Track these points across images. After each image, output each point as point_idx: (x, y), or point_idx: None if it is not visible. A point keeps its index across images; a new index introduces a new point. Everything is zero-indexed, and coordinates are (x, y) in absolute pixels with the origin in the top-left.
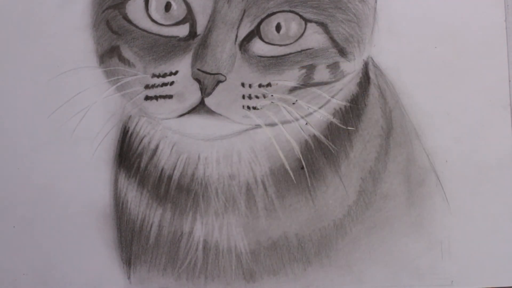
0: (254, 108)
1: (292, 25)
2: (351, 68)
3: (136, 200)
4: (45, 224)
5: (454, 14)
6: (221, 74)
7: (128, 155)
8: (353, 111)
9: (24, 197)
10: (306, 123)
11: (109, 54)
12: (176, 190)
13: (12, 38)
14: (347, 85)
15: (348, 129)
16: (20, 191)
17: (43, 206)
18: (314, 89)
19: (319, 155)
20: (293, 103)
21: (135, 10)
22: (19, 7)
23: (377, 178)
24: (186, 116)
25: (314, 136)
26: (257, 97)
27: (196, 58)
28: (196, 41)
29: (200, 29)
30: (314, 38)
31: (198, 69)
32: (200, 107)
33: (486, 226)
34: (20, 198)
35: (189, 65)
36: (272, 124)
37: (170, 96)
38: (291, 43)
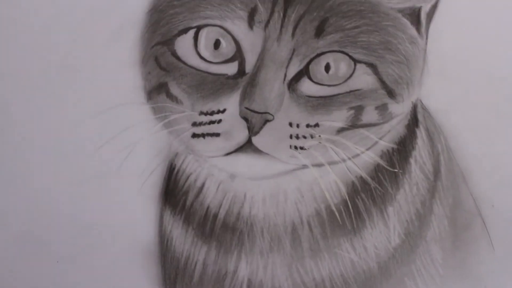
0: (302, 148)
1: (341, 65)
2: (400, 110)
3: (181, 237)
4: (89, 260)
5: (504, 57)
6: (269, 113)
7: (174, 192)
8: (400, 153)
9: (69, 232)
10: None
11: (157, 91)
12: (221, 229)
13: (60, 73)
14: (395, 127)
15: (395, 171)
16: (65, 226)
17: (88, 242)
18: (362, 130)
19: (365, 197)
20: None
21: (184, 47)
22: (68, 41)
23: (423, 221)
24: (233, 154)
25: (361, 177)
26: (304, 137)
27: (244, 96)
28: (245, 80)
29: (249, 67)
30: (363, 79)
31: (246, 108)
32: (247, 146)
33: None
34: (64, 233)
35: (237, 104)
36: (319, 165)
37: (218, 134)
38: (340, 84)
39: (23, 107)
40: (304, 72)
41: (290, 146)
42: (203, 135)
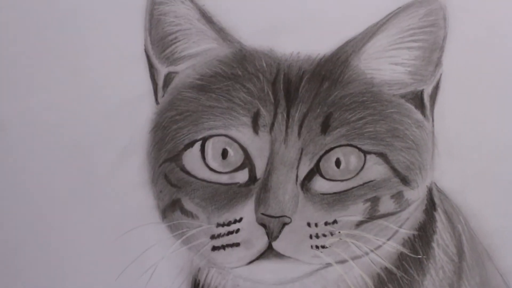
0: (323, 247)
1: (351, 158)
2: (416, 195)
3: None
4: None
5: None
6: (286, 216)
7: None
8: (422, 239)
9: None
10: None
11: (171, 208)
12: None
13: (72, 203)
14: (413, 213)
15: (419, 257)
16: None
17: None
18: (380, 221)
19: (393, 287)
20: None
21: (192, 161)
22: (74, 171)
23: None
24: (255, 262)
25: (386, 268)
26: (324, 235)
27: (259, 202)
28: (257, 186)
29: (259, 172)
30: (375, 169)
31: (262, 214)
32: (268, 252)
33: None
34: None
35: (253, 211)
36: (343, 261)
37: (237, 244)
38: (352, 177)
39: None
40: (315, 171)
41: (312, 246)
42: (223, 247)
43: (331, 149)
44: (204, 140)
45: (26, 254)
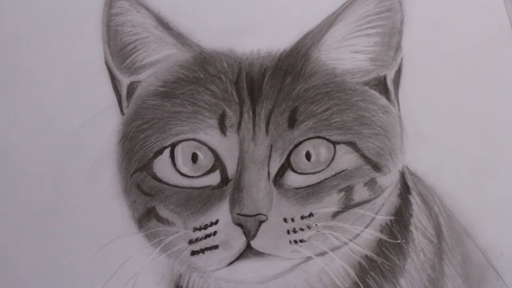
0: (301, 241)
1: (321, 150)
2: (389, 181)
3: None
4: None
5: (480, 105)
6: (261, 214)
7: None
8: (399, 223)
9: None
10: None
11: (146, 217)
12: None
13: (47, 220)
14: (388, 199)
15: (398, 242)
16: None
17: None
18: (356, 209)
19: (375, 274)
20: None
21: (162, 168)
22: (45, 186)
23: (437, 285)
24: (235, 263)
25: (366, 256)
26: (301, 229)
27: (234, 203)
28: (230, 186)
29: (231, 173)
30: (346, 158)
31: (238, 214)
32: (248, 251)
33: None
34: None
35: (228, 212)
36: (323, 253)
37: (216, 247)
38: (324, 169)
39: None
40: (286, 166)
41: (290, 241)
42: (202, 251)
43: (300, 142)
44: (173, 146)
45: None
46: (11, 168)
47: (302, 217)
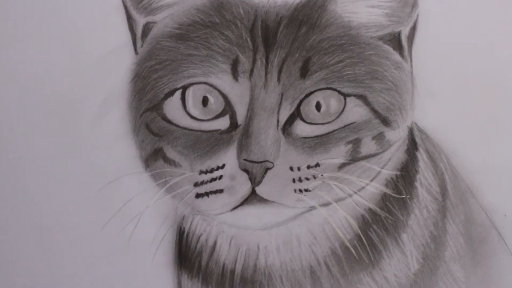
0: (306, 190)
1: (331, 102)
2: (397, 136)
3: None
4: None
5: (492, 66)
6: (268, 161)
7: (187, 255)
8: (405, 179)
9: None
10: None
11: (153, 157)
12: (240, 284)
13: (54, 156)
14: (395, 154)
15: (403, 197)
16: None
17: None
18: (363, 162)
19: (377, 228)
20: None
21: (173, 109)
22: (54, 122)
23: (438, 242)
24: (239, 208)
25: (370, 209)
26: (307, 179)
27: (241, 148)
28: (239, 132)
29: (240, 119)
30: (356, 111)
31: (245, 160)
32: (252, 197)
33: None
34: None
35: (235, 157)
36: (326, 204)
37: (221, 191)
38: (333, 120)
39: (23, 195)
40: (296, 115)
41: (295, 190)
42: (207, 194)
43: (311, 93)
44: (184, 88)
45: (8, 209)
46: (21, 100)
47: (309, 167)
